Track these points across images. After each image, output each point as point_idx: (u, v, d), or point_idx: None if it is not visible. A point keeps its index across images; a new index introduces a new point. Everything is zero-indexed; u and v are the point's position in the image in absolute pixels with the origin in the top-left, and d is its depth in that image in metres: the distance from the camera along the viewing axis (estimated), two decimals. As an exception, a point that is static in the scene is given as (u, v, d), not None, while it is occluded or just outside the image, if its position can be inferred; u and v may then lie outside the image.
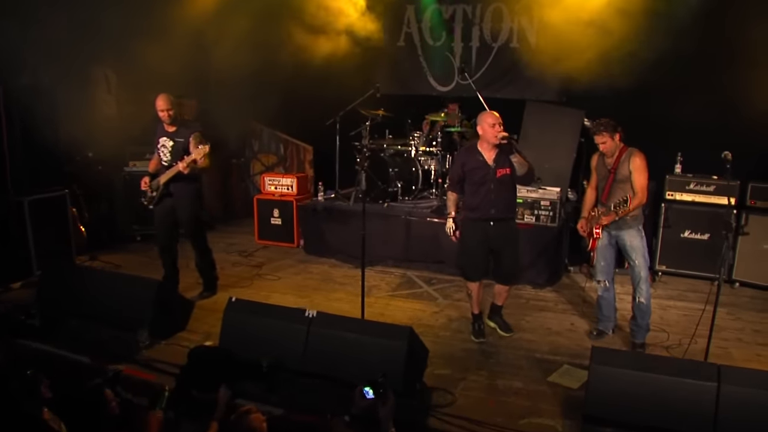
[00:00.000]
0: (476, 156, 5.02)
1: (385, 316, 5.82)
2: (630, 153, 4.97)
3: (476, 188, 5.06)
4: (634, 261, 5.03)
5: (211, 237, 8.51)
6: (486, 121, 4.93)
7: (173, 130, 5.71)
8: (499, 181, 5.00)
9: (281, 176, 8.15)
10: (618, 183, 5.01)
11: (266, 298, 6.24)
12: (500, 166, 4.99)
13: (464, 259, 5.30)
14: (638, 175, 4.91)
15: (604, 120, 5.00)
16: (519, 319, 5.77)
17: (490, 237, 5.11)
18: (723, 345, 5.23)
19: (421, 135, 7.65)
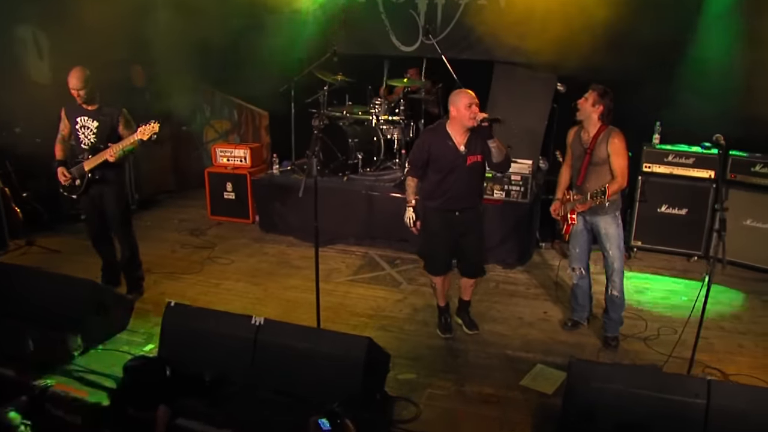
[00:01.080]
0: (445, 140, 4.38)
1: (345, 307, 5.29)
2: (608, 134, 4.41)
3: (443, 176, 4.43)
4: (608, 251, 4.55)
5: (162, 213, 7.93)
6: (460, 101, 4.26)
7: (94, 108, 4.93)
8: (470, 169, 4.40)
9: (233, 147, 7.42)
10: (594, 166, 4.48)
11: (216, 286, 5.67)
12: (471, 153, 4.38)
13: (427, 251, 4.74)
14: (617, 158, 4.37)
15: (602, 89, 4.41)
16: (489, 308, 5.30)
17: (455, 225, 4.55)
18: (704, 335, 4.66)
19: (383, 102, 6.97)
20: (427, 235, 4.66)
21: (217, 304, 5.26)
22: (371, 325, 4.98)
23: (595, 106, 4.37)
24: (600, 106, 4.38)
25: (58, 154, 5.10)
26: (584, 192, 4.48)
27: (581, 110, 4.42)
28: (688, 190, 6.16)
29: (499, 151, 4.32)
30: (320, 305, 5.07)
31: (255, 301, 5.40)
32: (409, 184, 4.63)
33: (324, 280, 5.76)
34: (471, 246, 4.65)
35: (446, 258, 4.70)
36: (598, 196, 4.21)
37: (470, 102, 4.25)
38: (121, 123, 4.89)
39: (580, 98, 4.43)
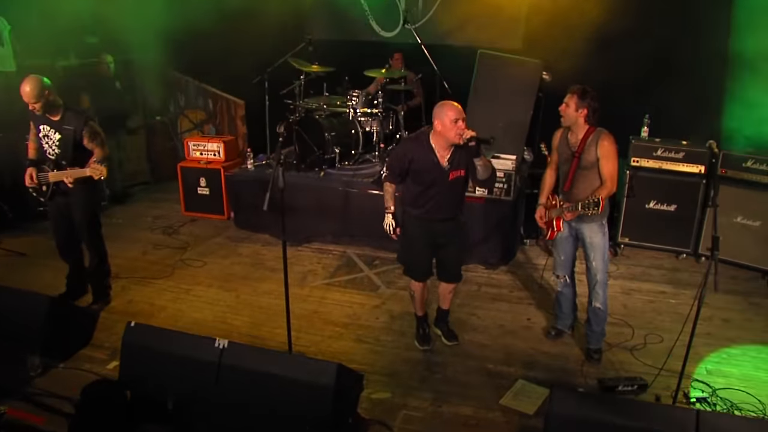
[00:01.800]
0: (427, 153, 4.06)
1: (319, 315, 5.03)
2: (597, 136, 4.12)
3: (423, 189, 4.16)
4: (592, 262, 4.29)
5: (135, 208, 7.59)
6: (446, 115, 3.92)
7: (57, 118, 4.51)
8: (451, 183, 4.13)
9: (206, 140, 7.06)
10: (583, 170, 4.19)
11: (187, 292, 5.38)
12: (455, 168, 4.09)
13: (407, 257, 4.47)
14: (607, 162, 4.08)
15: (581, 89, 4.08)
16: (469, 314, 5.05)
17: (435, 233, 4.29)
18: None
19: (360, 94, 6.61)
20: (407, 241, 4.41)
21: (186, 313, 5.02)
22: (346, 335, 4.73)
23: (579, 110, 4.08)
24: (584, 109, 4.09)
25: (30, 152, 4.75)
26: (572, 198, 4.21)
27: (565, 117, 4.13)
28: (678, 185, 5.88)
29: (486, 168, 4.05)
30: (294, 313, 4.81)
31: (226, 309, 5.13)
32: (387, 189, 4.35)
33: (299, 284, 5.55)
34: (450, 257, 4.41)
35: (427, 264, 4.44)
36: (590, 208, 3.92)
37: (456, 117, 3.92)
38: (86, 136, 4.50)
39: (563, 105, 4.12)
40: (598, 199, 3.89)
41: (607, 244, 4.30)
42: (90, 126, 4.53)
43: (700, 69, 6.06)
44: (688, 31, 6.18)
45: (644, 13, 6.29)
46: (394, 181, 4.28)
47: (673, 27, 6.28)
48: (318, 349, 4.52)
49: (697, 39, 6.10)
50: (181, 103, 8.23)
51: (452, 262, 4.42)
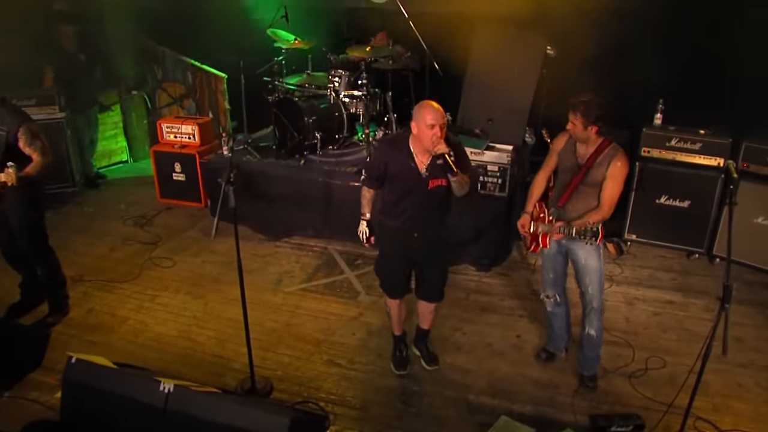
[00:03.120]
0: (405, 158, 3.61)
1: (291, 329, 4.65)
2: (612, 154, 3.62)
3: (400, 196, 3.72)
4: (587, 287, 3.85)
5: (109, 193, 7.14)
6: (422, 118, 3.44)
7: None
8: (431, 193, 3.66)
9: (180, 122, 6.56)
10: (586, 186, 3.70)
11: (152, 299, 5.03)
12: (435, 176, 3.62)
13: (383, 270, 4.05)
14: (613, 184, 3.61)
15: (589, 98, 3.55)
16: (454, 329, 4.64)
17: (412, 248, 3.84)
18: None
19: (344, 75, 6.03)
20: (382, 253, 4.00)
21: (149, 326, 4.68)
22: (317, 356, 4.35)
23: (589, 128, 3.56)
24: (593, 126, 3.56)
25: None
26: (565, 216, 3.74)
27: (575, 134, 3.63)
28: (693, 179, 5.35)
29: (461, 186, 3.60)
30: (264, 327, 4.62)
31: (192, 321, 4.76)
32: (364, 194, 3.89)
33: (273, 288, 5.18)
34: (430, 276, 3.99)
35: (403, 281, 4.03)
36: (588, 236, 3.44)
37: (433, 122, 3.42)
38: (22, 140, 4.01)
39: (570, 125, 3.60)
40: (597, 229, 3.40)
41: (603, 266, 3.82)
42: (27, 129, 4.05)
43: (724, 47, 5.39)
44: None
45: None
46: (372, 185, 3.84)
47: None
48: (285, 373, 4.16)
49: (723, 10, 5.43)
50: (158, 77, 7.69)
51: (431, 282, 4.00)
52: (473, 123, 6.11)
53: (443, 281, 4.04)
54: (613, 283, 5.19)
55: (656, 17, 5.52)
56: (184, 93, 7.61)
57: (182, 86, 7.59)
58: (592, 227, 3.40)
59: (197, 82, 7.47)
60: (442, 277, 4.03)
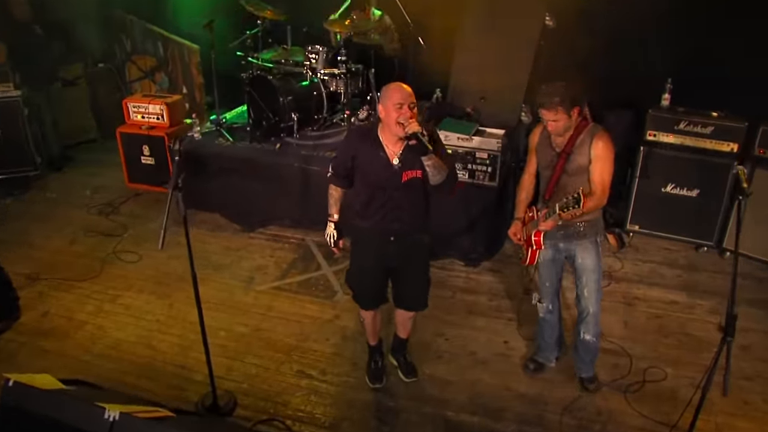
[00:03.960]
0: (375, 149, 3.35)
1: (261, 333, 4.47)
2: (592, 133, 3.41)
3: (371, 193, 3.45)
4: (584, 288, 3.65)
5: (74, 176, 6.89)
6: (389, 98, 3.19)
7: None
8: (406, 187, 3.39)
9: (147, 101, 6.26)
10: (570, 176, 3.47)
11: (113, 300, 4.84)
12: (408, 167, 3.35)
13: (355, 280, 3.82)
14: (601, 165, 3.37)
15: (558, 85, 3.31)
16: (436, 334, 4.45)
17: (389, 254, 3.60)
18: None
19: (321, 51, 5.70)
20: (355, 260, 3.77)
21: (108, 332, 4.50)
22: (287, 365, 4.17)
23: (572, 114, 3.32)
24: (575, 108, 3.30)
25: None
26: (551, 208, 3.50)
27: (559, 128, 3.39)
28: (703, 166, 5.08)
29: (437, 170, 3.26)
30: (232, 331, 4.48)
31: (155, 325, 4.58)
32: (331, 193, 3.65)
33: (244, 287, 4.99)
34: (408, 283, 3.76)
35: (378, 290, 3.79)
36: (570, 206, 3.16)
37: (401, 101, 3.16)
38: None
39: (551, 121, 3.33)
40: (578, 194, 3.12)
41: (601, 266, 3.61)
42: None
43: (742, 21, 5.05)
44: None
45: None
46: (340, 183, 3.58)
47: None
48: (251, 386, 3.99)
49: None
50: (127, 48, 7.38)
51: (410, 290, 3.78)
52: (464, 101, 5.85)
53: (426, 288, 3.81)
54: (611, 281, 4.97)
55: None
56: (155, 66, 7.32)
57: (153, 59, 7.30)
58: (573, 196, 3.14)
59: (169, 54, 7.17)
60: (424, 285, 3.80)
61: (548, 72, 5.70)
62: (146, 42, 7.25)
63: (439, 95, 6.06)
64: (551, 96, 3.27)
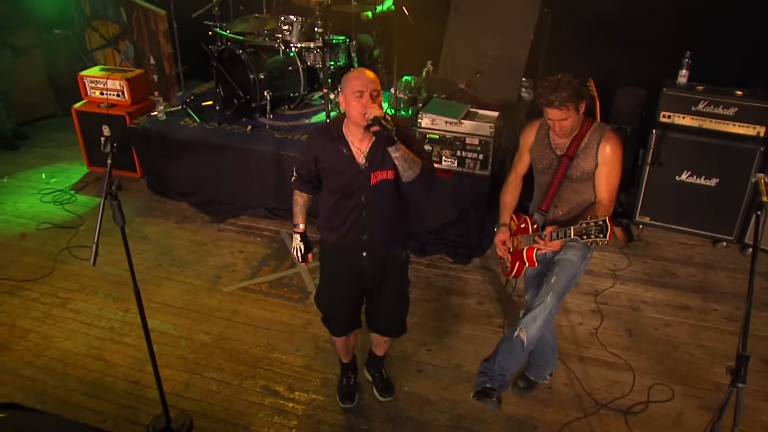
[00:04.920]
0: (338, 147, 3.09)
1: (224, 343, 4.30)
2: (600, 134, 3.17)
3: (338, 199, 3.20)
4: (552, 277, 3.28)
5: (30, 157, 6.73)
6: (350, 85, 2.93)
7: None
8: (375, 191, 3.14)
9: (105, 77, 6.01)
10: (573, 182, 3.24)
11: (63, 305, 4.68)
12: (377, 167, 3.08)
13: (323, 301, 3.61)
14: (610, 170, 3.16)
15: (564, 79, 3.02)
16: (419, 343, 4.27)
17: (361, 272, 3.38)
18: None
19: (296, 22, 5.41)
20: (323, 279, 3.55)
21: (55, 341, 4.35)
22: (251, 380, 4.01)
23: (579, 109, 3.10)
24: (582, 103, 3.09)
25: None
26: (554, 220, 3.30)
27: (567, 128, 3.13)
28: (724, 152, 4.84)
29: (408, 164, 2.97)
30: (192, 341, 4.33)
31: (107, 333, 4.41)
32: (295, 200, 3.42)
33: (209, 288, 4.82)
34: (384, 307, 3.53)
35: (350, 314, 3.58)
36: (592, 234, 2.88)
37: (361, 89, 2.90)
38: None
39: (560, 120, 3.07)
40: (604, 221, 2.87)
41: (582, 270, 3.36)
42: None
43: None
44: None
45: None
46: (304, 188, 3.35)
47: None
48: (210, 405, 3.84)
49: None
50: (86, 12, 7.08)
51: (385, 313, 3.56)
52: (457, 76, 5.62)
53: (404, 311, 3.60)
54: (616, 281, 4.78)
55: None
56: (119, 33, 7.04)
57: (116, 25, 7.00)
58: (596, 221, 2.89)
59: (134, 20, 6.86)
60: (402, 307, 3.59)
61: (552, 44, 5.45)
62: (107, 6, 6.95)
63: (430, 68, 5.80)
64: (559, 91, 2.99)
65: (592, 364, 4.07)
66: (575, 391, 3.87)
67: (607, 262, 5.01)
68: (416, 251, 5.08)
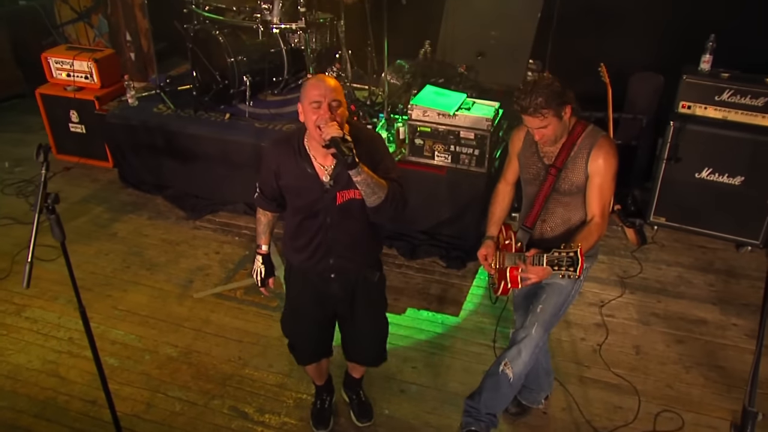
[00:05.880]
0: (299, 162, 2.93)
1: (191, 357, 4.23)
2: (591, 142, 2.97)
3: (301, 219, 3.07)
4: (538, 305, 3.19)
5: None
6: (306, 95, 2.75)
7: None
8: (342, 212, 3.00)
9: (71, 57, 5.88)
10: (561, 195, 3.07)
11: (18, 312, 4.64)
12: (344, 186, 2.93)
13: (289, 326, 3.51)
14: (602, 183, 2.97)
15: (540, 82, 2.83)
16: (404, 359, 4.16)
17: (330, 297, 3.25)
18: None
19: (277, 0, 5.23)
20: (288, 302, 3.44)
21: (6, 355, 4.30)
22: (218, 400, 3.92)
23: (564, 116, 2.89)
24: (566, 107, 2.86)
25: None
26: (540, 239, 3.15)
27: (549, 136, 2.93)
28: (750, 147, 4.68)
29: (371, 189, 2.81)
30: (157, 353, 4.26)
31: (65, 345, 4.34)
32: (259, 218, 3.30)
33: (180, 293, 4.78)
34: (360, 335, 3.43)
35: (318, 342, 3.49)
36: (563, 266, 2.74)
37: (318, 98, 2.71)
38: None
39: (539, 129, 2.88)
40: (575, 253, 2.73)
41: (573, 296, 3.21)
42: None
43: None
44: None
45: None
46: (268, 207, 3.21)
47: None
48: (171, 429, 3.75)
49: None
50: (54, -19, 6.97)
51: (360, 341, 3.46)
52: (457, 58, 5.48)
53: (381, 338, 3.49)
54: (625, 290, 4.63)
55: None
56: (91, 6, 6.92)
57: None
58: (568, 251, 2.73)
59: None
60: (379, 334, 3.47)
61: (562, 22, 5.26)
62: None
63: (428, 48, 5.63)
64: (533, 96, 2.80)
65: (593, 387, 3.93)
66: (573, 418, 3.74)
67: (616, 267, 4.85)
68: (406, 253, 4.97)
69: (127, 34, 6.76)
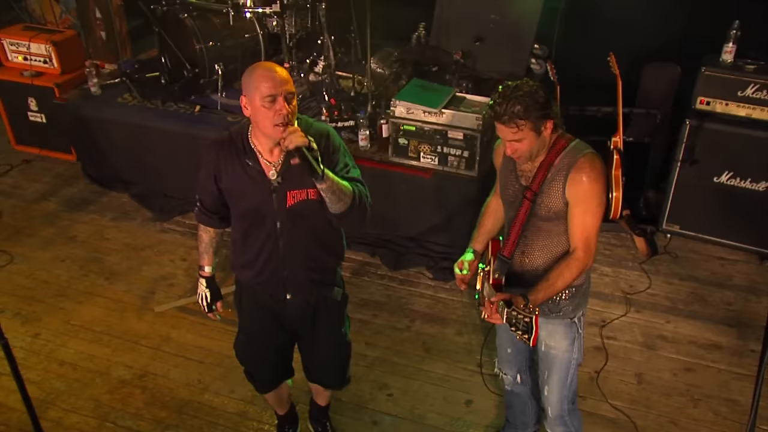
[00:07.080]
0: (242, 160, 2.81)
1: (147, 381, 4.18)
2: (570, 162, 2.77)
3: (247, 226, 2.95)
4: (544, 384, 3.17)
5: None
6: (255, 88, 2.60)
7: None
8: (294, 215, 2.86)
9: (27, 39, 5.81)
10: (542, 221, 2.88)
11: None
12: (294, 185, 2.80)
13: (244, 353, 3.42)
14: (583, 211, 2.77)
15: (524, 90, 2.64)
16: (378, 385, 4.09)
17: (285, 317, 3.16)
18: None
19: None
20: (241, 326, 3.35)
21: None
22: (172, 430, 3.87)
23: (543, 132, 2.71)
24: (547, 122, 2.70)
25: None
26: (519, 273, 3.00)
27: (523, 152, 2.76)
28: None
29: (336, 197, 2.71)
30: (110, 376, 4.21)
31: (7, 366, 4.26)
32: (200, 236, 3.20)
33: (141, 306, 4.76)
34: (318, 357, 3.34)
35: (275, 367, 3.42)
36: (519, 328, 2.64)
37: (272, 92, 2.57)
38: None
39: (512, 141, 2.72)
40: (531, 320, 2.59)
41: (577, 358, 3.09)
42: None
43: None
44: None
45: None
46: (209, 222, 3.11)
47: None
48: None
49: None
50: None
51: (320, 363, 3.38)
52: (452, 44, 5.39)
53: (344, 359, 3.41)
54: (629, 308, 4.52)
55: None
56: (58, -19, 6.83)
57: (54, -31, 6.79)
58: (525, 315, 2.61)
59: (74, -37, 6.64)
60: (341, 355, 3.39)
61: (570, 5, 5.13)
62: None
63: (422, 32, 5.51)
64: (511, 102, 2.65)
65: (587, 421, 3.79)
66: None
67: (622, 282, 4.74)
68: (390, 263, 4.88)
69: (97, 11, 6.62)
